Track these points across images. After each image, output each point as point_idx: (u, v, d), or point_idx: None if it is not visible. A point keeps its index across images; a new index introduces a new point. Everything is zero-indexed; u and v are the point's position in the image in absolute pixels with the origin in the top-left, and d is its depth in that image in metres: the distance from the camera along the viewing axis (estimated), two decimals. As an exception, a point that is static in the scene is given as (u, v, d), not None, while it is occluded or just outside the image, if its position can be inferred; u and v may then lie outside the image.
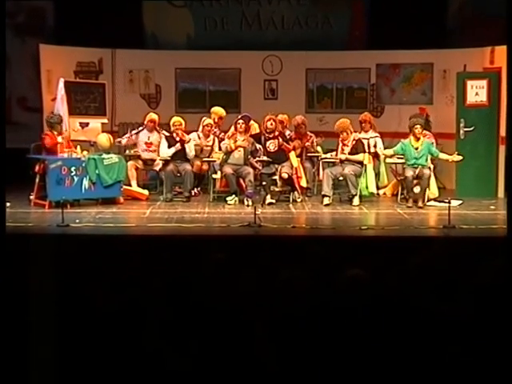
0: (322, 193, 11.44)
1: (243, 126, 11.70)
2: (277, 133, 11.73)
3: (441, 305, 4.70)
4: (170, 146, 12.01)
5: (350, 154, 11.60)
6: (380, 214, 10.97)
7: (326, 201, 11.36)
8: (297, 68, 14.29)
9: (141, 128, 12.67)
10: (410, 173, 11.27)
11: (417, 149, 11.35)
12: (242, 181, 11.61)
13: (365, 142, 11.96)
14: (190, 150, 11.99)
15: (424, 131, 12.34)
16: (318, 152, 12.60)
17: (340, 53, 14.15)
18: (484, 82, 12.30)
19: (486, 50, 12.82)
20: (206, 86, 14.51)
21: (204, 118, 12.60)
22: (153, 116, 12.67)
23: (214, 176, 11.97)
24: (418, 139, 11.36)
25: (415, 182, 11.40)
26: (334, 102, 14.47)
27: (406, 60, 14.03)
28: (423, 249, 7.19)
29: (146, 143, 12.58)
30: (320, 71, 14.41)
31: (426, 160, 11.33)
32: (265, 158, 11.75)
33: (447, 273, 6.04)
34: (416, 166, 11.32)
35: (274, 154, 11.67)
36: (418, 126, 11.33)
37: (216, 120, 12.64)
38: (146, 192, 12.19)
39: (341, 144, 11.74)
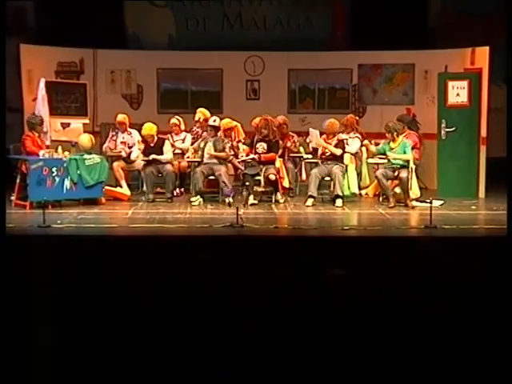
0: (309, 193, 11.44)
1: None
2: (269, 138, 11.75)
3: (423, 304, 4.73)
4: (144, 149, 12.04)
5: (331, 153, 11.63)
6: (362, 214, 11.00)
7: (310, 202, 11.36)
8: (279, 68, 14.30)
9: (115, 131, 12.66)
10: (380, 171, 11.36)
11: (392, 149, 11.41)
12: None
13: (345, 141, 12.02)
14: (166, 153, 12.01)
15: (409, 131, 12.40)
16: (300, 152, 12.63)
17: (322, 53, 14.18)
18: (465, 83, 12.37)
19: (466, 50, 12.89)
20: (188, 86, 14.50)
21: (173, 117, 12.67)
22: (119, 117, 12.64)
23: (196, 177, 11.95)
24: (394, 140, 11.41)
25: (396, 182, 11.46)
26: (316, 103, 14.50)
27: (388, 60, 14.08)
28: (405, 249, 7.23)
29: (121, 142, 12.57)
30: (302, 72, 14.44)
31: (402, 165, 11.35)
32: (250, 156, 11.74)
33: (429, 272, 6.07)
34: (393, 166, 11.37)
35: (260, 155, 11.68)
36: (389, 134, 11.41)
37: (201, 120, 12.63)
38: (127, 192, 12.16)
39: (323, 143, 11.77)
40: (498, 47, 13.30)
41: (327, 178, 11.73)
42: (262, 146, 11.75)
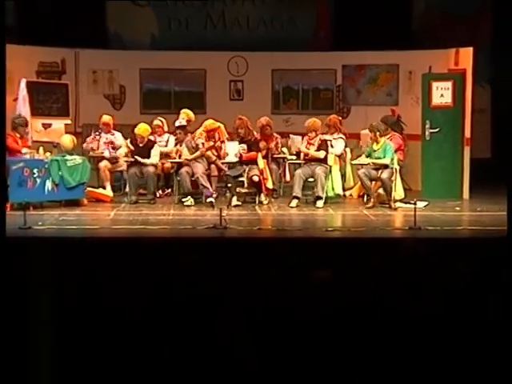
0: (293, 194, 11.45)
1: None
2: (247, 138, 11.77)
3: (408, 307, 4.74)
4: (131, 150, 12.01)
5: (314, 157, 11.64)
6: (346, 215, 11.02)
7: (295, 203, 11.37)
8: (262, 69, 14.31)
9: (98, 132, 12.63)
10: (361, 170, 11.38)
11: (375, 151, 11.44)
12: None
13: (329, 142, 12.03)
14: (155, 155, 12.00)
15: (393, 132, 12.44)
16: (283, 153, 12.64)
17: (306, 54, 14.20)
18: (449, 84, 12.41)
19: (450, 51, 12.94)
20: (171, 86, 14.47)
21: (155, 119, 12.65)
22: (104, 118, 12.62)
23: (178, 178, 11.94)
24: (377, 142, 11.42)
25: (379, 183, 11.49)
26: (300, 103, 14.52)
27: (372, 61, 14.12)
28: (389, 250, 7.25)
29: (104, 143, 12.55)
30: (286, 72, 14.45)
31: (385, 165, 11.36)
32: (232, 159, 11.78)
33: (413, 274, 6.09)
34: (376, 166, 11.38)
35: (241, 155, 11.72)
36: (372, 134, 11.43)
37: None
38: (110, 194, 12.13)
39: (306, 143, 11.78)
40: (482, 48, 13.42)
41: (311, 179, 11.74)
42: (242, 147, 11.77)
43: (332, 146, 12.03)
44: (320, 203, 11.38)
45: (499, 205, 10.14)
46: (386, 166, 11.36)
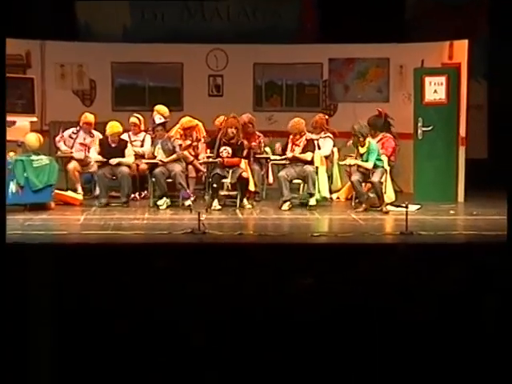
0: (284, 198, 11.46)
1: None
2: (234, 141, 11.73)
3: (399, 316, 4.77)
4: (102, 150, 11.98)
5: (301, 159, 11.64)
6: (333, 219, 11.07)
7: (287, 206, 11.40)
8: (244, 63, 14.34)
9: (75, 130, 12.62)
10: (355, 177, 11.43)
11: (362, 155, 11.47)
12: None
13: (315, 141, 12.04)
14: (129, 155, 12.00)
15: (384, 134, 12.50)
16: (266, 153, 12.64)
17: (290, 46, 14.23)
18: (443, 79, 12.48)
19: (444, 44, 13.02)
20: (146, 81, 14.47)
21: (132, 115, 12.65)
22: (88, 117, 12.62)
23: (154, 178, 11.93)
24: (362, 145, 11.46)
25: (369, 185, 11.55)
26: (283, 100, 14.55)
27: (361, 54, 14.18)
28: (379, 257, 7.29)
29: (80, 144, 12.53)
30: (269, 66, 14.48)
31: (375, 165, 11.39)
32: (210, 160, 11.80)
33: (405, 282, 6.13)
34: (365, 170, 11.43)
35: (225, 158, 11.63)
36: (354, 138, 11.48)
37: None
38: (79, 197, 12.11)
39: (291, 144, 11.80)
40: (478, 40, 13.50)
41: (296, 181, 11.77)
42: (226, 151, 11.68)
43: (319, 147, 12.01)
44: (313, 201, 11.42)
45: (496, 208, 10.23)
46: (375, 166, 11.40)
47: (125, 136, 12.44)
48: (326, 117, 12.89)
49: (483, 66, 14.18)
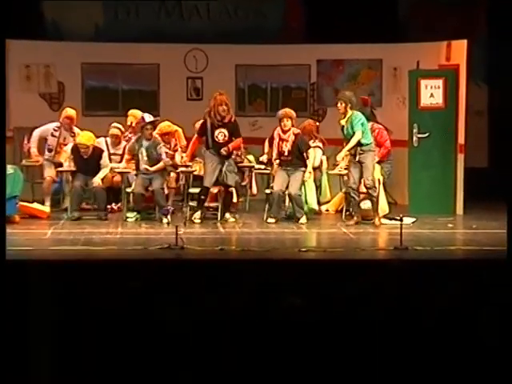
0: (271, 213, 11.42)
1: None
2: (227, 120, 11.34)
3: (393, 337, 4.78)
4: (75, 158, 11.91)
5: (290, 151, 11.43)
6: (322, 233, 11.08)
7: (273, 219, 11.37)
8: (225, 64, 14.36)
9: (56, 127, 12.52)
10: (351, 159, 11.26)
11: (342, 127, 11.33)
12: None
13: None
14: (105, 167, 11.95)
15: (376, 125, 12.38)
16: (249, 161, 12.62)
17: (275, 47, 14.27)
18: (440, 82, 12.54)
19: (441, 44, 13.07)
20: (119, 84, 14.46)
21: (111, 126, 12.55)
22: (69, 112, 12.55)
23: (127, 190, 11.91)
24: (345, 115, 11.29)
25: (362, 196, 11.52)
26: (268, 104, 14.58)
27: (351, 55, 14.23)
28: (372, 274, 7.30)
29: (61, 144, 12.43)
30: (252, 68, 14.51)
31: (362, 144, 11.20)
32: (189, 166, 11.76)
33: (399, 301, 6.14)
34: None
35: (223, 145, 11.34)
36: (339, 102, 11.31)
37: (134, 125, 12.59)
38: (47, 209, 12.07)
39: (277, 139, 11.56)
40: (478, 40, 13.58)
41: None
42: (222, 134, 11.42)
43: (307, 157, 11.92)
44: (303, 219, 11.37)
45: (498, 221, 10.26)
46: (360, 145, 11.21)
47: (102, 142, 12.32)
48: (317, 123, 12.87)
49: (483, 68, 14.26)
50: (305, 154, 11.59)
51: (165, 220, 11.27)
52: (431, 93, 12.55)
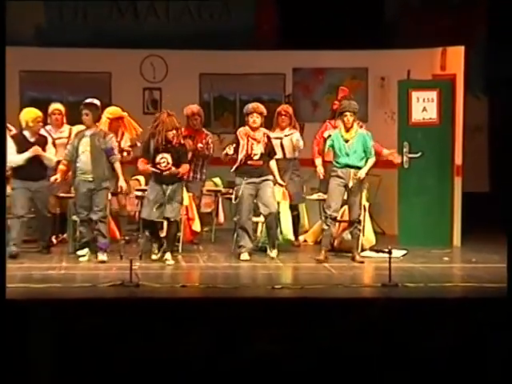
0: (243, 246, 11.33)
1: None
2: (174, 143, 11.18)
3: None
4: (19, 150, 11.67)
5: (263, 154, 11.28)
6: (299, 268, 11.09)
7: (247, 255, 11.20)
8: (187, 73, 14.38)
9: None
10: (336, 180, 11.20)
11: (347, 141, 11.22)
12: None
13: (277, 141, 11.83)
14: (50, 160, 11.69)
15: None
16: (216, 185, 12.63)
17: (244, 53, 14.30)
18: (434, 94, 12.61)
19: (435, 51, 13.16)
20: (63, 95, 14.40)
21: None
22: (57, 106, 12.42)
23: (74, 218, 11.82)
24: (348, 129, 11.20)
25: (343, 225, 11.53)
26: (237, 119, 14.56)
27: (332, 64, 14.28)
28: (357, 314, 7.36)
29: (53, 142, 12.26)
30: (218, 77, 14.54)
31: (362, 160, 11.12)
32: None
33: (389, 343, 6.21)
34: (347, 167, 11.14)
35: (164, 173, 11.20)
36: (348, 114, 11.19)
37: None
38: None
39: (245, 139, 11.37)
40: (477, 47, 13.71)
41: (254, 219, 11.69)
42: (164, 159, 11.19)
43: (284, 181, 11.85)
44: (274, 253, 11.34)
45: (500, 254, 10.33)
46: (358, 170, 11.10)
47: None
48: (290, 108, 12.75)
49: (483, 79, 14.39)
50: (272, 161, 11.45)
51: (101, 256, 11.07)
52: (424, 106, 12.62)
